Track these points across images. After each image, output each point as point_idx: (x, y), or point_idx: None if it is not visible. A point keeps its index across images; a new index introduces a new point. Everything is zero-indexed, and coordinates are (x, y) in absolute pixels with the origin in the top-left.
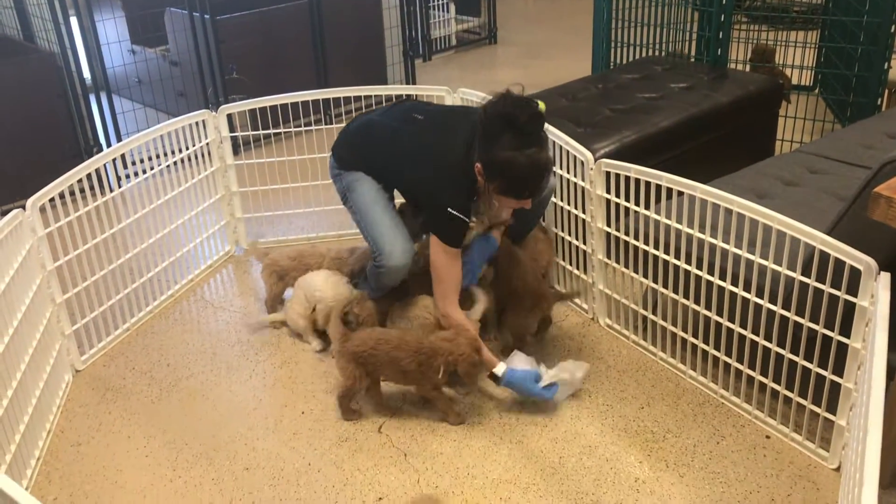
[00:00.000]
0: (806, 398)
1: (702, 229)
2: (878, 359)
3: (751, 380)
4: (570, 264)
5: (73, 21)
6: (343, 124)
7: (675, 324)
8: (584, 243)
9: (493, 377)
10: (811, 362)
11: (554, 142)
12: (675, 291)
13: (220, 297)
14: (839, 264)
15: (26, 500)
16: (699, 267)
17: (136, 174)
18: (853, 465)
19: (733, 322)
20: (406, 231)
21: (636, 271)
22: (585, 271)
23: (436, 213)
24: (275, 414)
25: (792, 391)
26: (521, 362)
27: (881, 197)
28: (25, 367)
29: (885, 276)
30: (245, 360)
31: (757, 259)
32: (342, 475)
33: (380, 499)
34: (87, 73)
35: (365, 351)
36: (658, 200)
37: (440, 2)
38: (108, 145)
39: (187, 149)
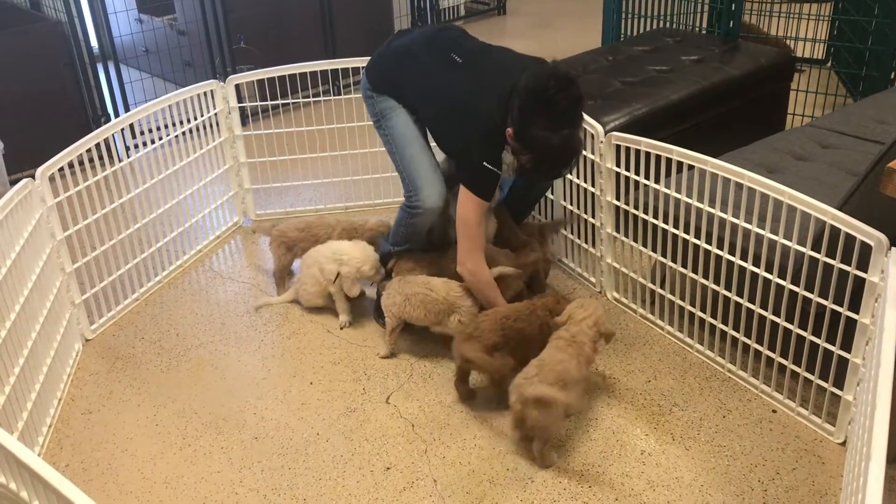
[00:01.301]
0: (813, 373)
1: (712, 204)
2: (887, 334)
3: (758, 354)
4: (579, 238)
5: None
6: (350, 95)
7: (682, 298)
8: (593, 217)
9: None
10: (819, 337)
11: None
12: (684, 266)
13: (229, 268)
14: (850, 240)
15: (40, 466)
16: (708, 241)
17: (144, 144)
18: (860, 440)
19: (742, 297)
20: (441, 174)
21: (645, 245)
22: (594, 245)
23: (469, 169)
24: (283, 384)
25: (799, 366)
26: None
27: (894, 172)
28: (36, 336)
29: None
30: (254, 331)
31: (767, 234)
32: (350, 445)
33: (387, 468)
34: (94, 43)
35: (498, 340)
36: (668, 174)
37: None
38: (116, 115)
39: (195, 119)
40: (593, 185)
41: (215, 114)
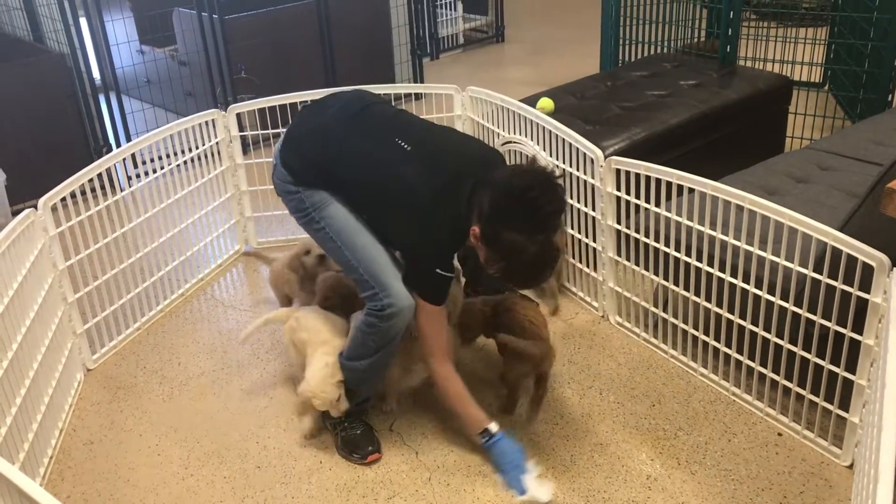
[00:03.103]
0: (818, 395)
1: (713, 226)
2: (891, 355)
3: (762, 377)
4: (581, 262)
5: (83, 21)
6: None
7: (686, 321)
8: (595, 241)
9: (485, 433)
10: (823, 359)
11: (564, 139)
12: (686, 289)
13: (231, 296)
14: (851, 260)
15: (42, 497)
16: (710, 264)
17: (146, 174)
18: (867, 462)
19: (745, 319)
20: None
21: (647, 269)
22: (596, 269)
23: (421, 274)
24: (286, 412)
25: (804, 388)
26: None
27: (894, 192)
28: (38, 366)
29: None
30: (256, 359)
31: (769, 256)
32: (353, 473)
33: (391, 497)
34: (96, 74)
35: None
36: (668, 197)
37: (447, 0)
38: (118, 145)
39: (197, 148)
40: (594, 210)
41: (217, 143)
